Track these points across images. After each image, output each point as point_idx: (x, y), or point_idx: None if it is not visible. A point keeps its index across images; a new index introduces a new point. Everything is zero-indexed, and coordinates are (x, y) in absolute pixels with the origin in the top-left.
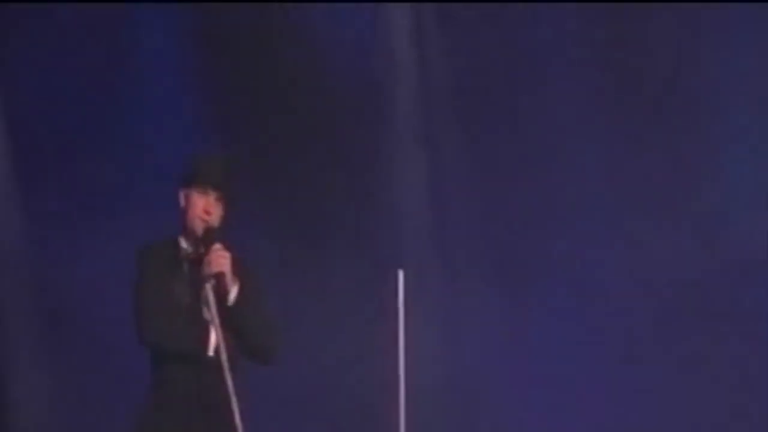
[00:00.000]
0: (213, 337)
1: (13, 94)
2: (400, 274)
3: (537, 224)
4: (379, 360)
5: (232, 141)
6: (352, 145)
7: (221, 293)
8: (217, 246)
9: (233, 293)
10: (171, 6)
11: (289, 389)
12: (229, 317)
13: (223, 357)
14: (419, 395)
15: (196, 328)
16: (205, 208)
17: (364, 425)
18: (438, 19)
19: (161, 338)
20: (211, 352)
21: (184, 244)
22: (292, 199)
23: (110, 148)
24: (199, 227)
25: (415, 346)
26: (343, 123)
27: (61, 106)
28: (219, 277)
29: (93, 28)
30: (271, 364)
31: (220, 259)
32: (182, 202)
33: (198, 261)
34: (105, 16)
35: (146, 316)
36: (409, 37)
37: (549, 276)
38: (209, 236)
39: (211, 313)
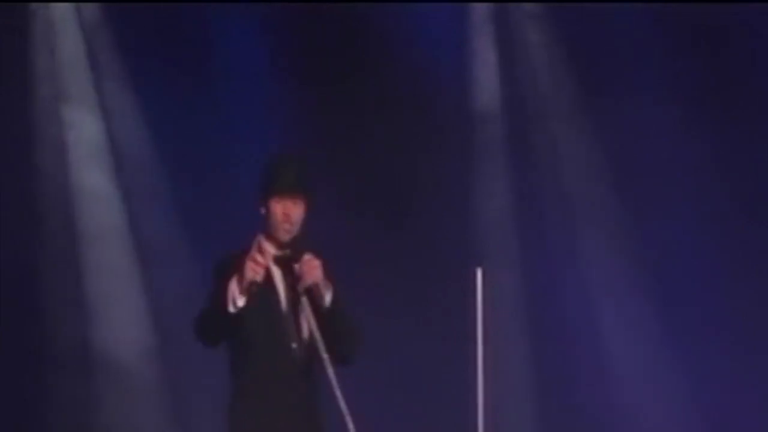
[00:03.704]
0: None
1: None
2: (479, 273)
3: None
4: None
5: (317, 141)
6: (432, 145)
7: (317, 302)
8: (308, 256)
9: (328, 298)
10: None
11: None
12: (325, 322)
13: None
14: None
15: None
16: (283, 211)
17: (443, 423)
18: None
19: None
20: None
21: (269, 247)
22: (373, 197)
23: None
24: (283, 234)
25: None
26: (423, 124)
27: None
28: (314, 288)
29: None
30: (350, 365)
31: (314, 270)
32: (263, 212)
33: (284, 264)
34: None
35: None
36: (496, 39)
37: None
38: (296, 247)
39: (310, 323)
